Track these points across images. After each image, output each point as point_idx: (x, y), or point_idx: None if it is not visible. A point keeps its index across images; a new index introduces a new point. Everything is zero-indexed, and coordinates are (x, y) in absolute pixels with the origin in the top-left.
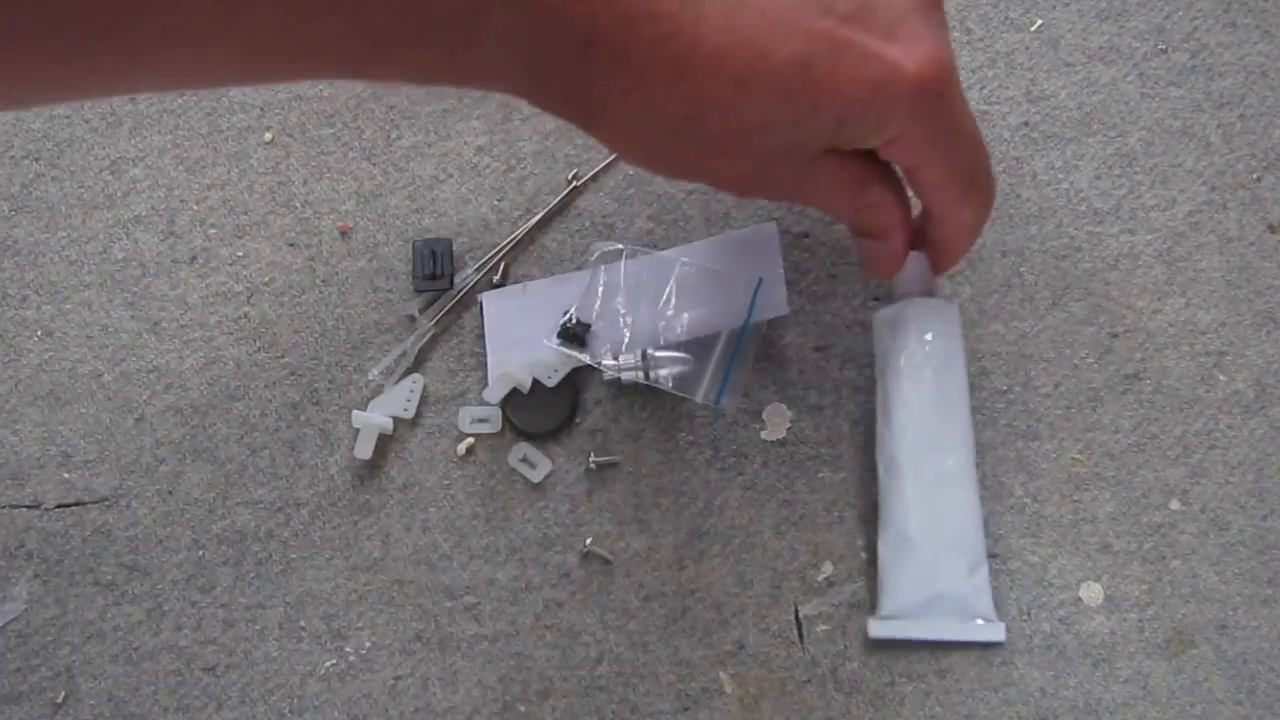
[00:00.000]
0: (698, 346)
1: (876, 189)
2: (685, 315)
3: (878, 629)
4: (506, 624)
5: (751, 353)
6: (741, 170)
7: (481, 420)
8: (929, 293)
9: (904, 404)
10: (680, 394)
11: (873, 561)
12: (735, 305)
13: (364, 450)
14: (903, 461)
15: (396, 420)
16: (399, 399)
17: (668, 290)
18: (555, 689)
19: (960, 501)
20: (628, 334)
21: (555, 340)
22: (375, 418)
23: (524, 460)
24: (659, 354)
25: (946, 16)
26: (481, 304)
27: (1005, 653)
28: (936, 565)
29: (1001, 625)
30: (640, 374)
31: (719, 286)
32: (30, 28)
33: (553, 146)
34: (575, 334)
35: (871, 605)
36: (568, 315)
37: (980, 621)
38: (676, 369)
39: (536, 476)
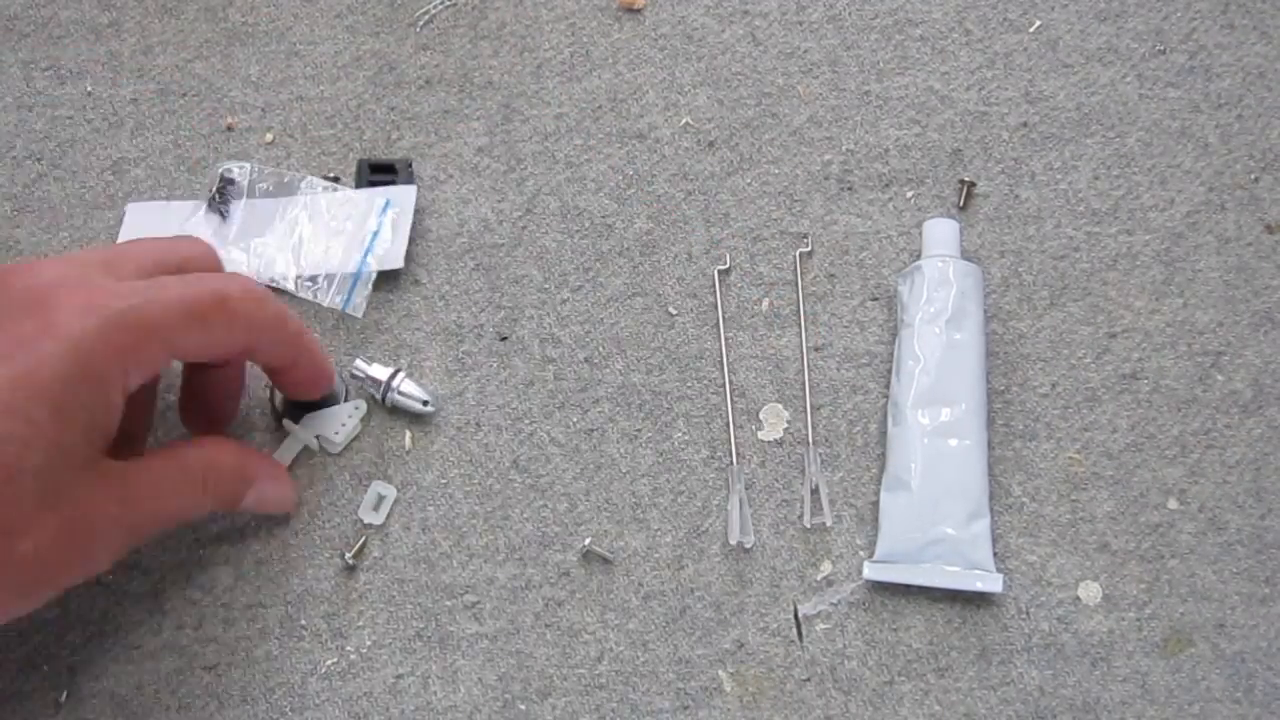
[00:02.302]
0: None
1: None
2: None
3: (873, 571)
4: (506, 622)
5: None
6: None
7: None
8: None
9: (913, 355)
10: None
11: (872, 559)
12: (361, 234)
13: (283, 456)
14: (907, 410)
15: (396, 421)
16: (335, 420)
17: (290, 218)
18: (555, 687)
19: (962, 451)
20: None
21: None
22: (300, 433)
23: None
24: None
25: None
26: (124, 212)
27: (1004, 652)
28: (934, 510)
29: (999, 576)
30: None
31: (347, 211)
32: None
33: (552, 147)
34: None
35: (869, 603)
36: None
37: (978, 572)
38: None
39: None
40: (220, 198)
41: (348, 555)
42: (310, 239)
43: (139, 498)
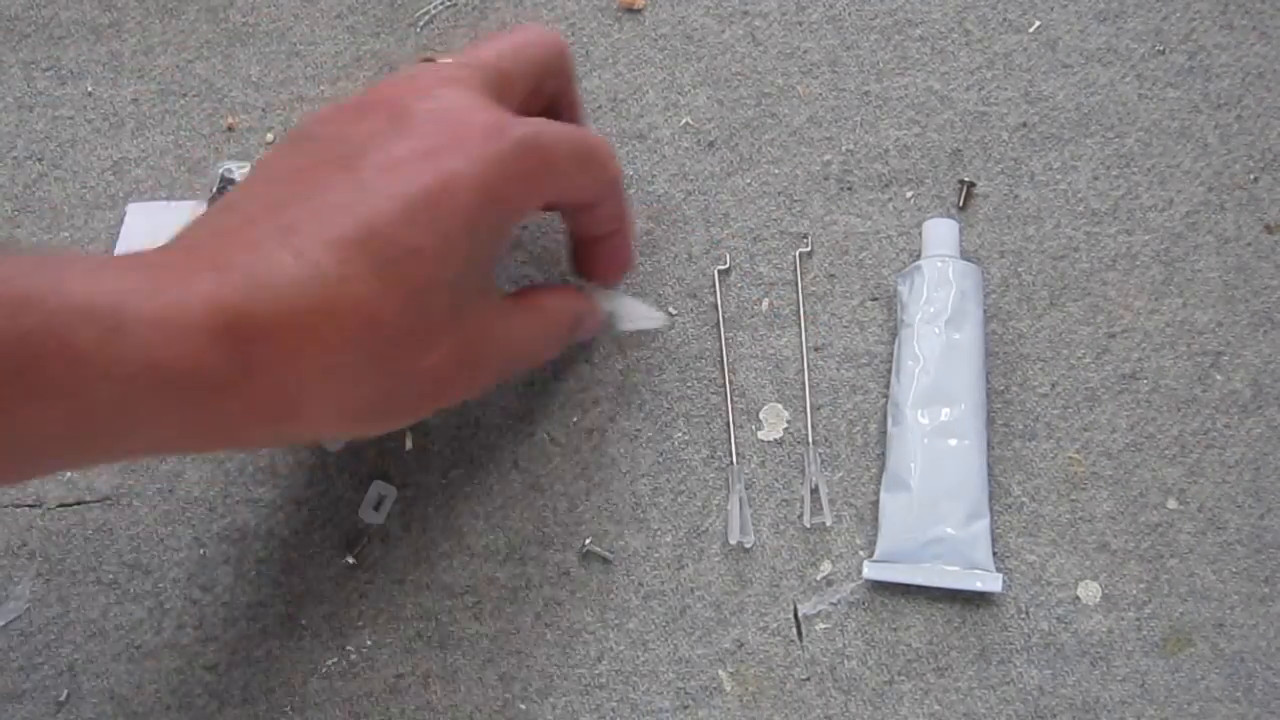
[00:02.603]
0: None
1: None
2: None
3: (872, 571)
4: (506, 622)
5: None
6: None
7: None
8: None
9: (913, 355)
10: None
11: (871, 558)
12: None
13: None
14: (907, 410)
15: None
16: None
17: None
18: (555, 687)
19: (962, 451)
20: None
21: None
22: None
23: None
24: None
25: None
26: (125, 212)
27: (1003, 651)
28: (933, 510)
29: (999, 576)
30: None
31: None
32: None
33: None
34: None
35: (869, 603)
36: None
37: (978, 572)
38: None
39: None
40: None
41: (349, 556)
42: None
43: (514, 328)
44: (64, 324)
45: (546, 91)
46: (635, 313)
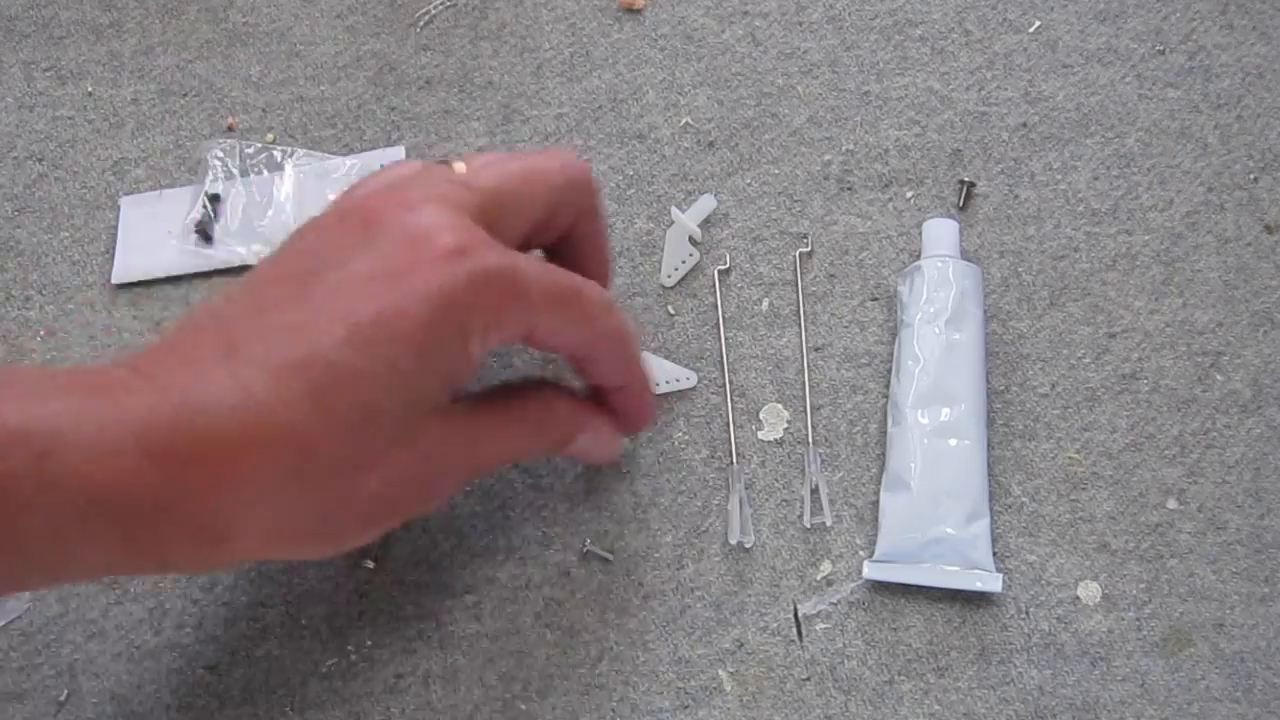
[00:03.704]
0: None
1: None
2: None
3: (872, 571)
4: (506, 622)
5: None
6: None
7: None
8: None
9: (913, 355)
10: None
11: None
12: None
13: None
14: (907, 410)
15: None
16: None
17: (284, 193)
18: (555, 687)
19: (962, 451)
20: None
21: (192, 240)
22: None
23: None
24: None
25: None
26: (120, 207)
27: (1003, 651)
28: (933, 510)
29: (999, 576)
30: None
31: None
32: None
33: (552, 147)
34: (204, 232)
35: (869, 603)
36: (201, 212)
37: (978, 572)
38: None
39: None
40: (205, 220)
41: (368, 560)
42: (310, 213)
43: (480, 440)
44: None
45: (560, 225)
46: (666, 372)
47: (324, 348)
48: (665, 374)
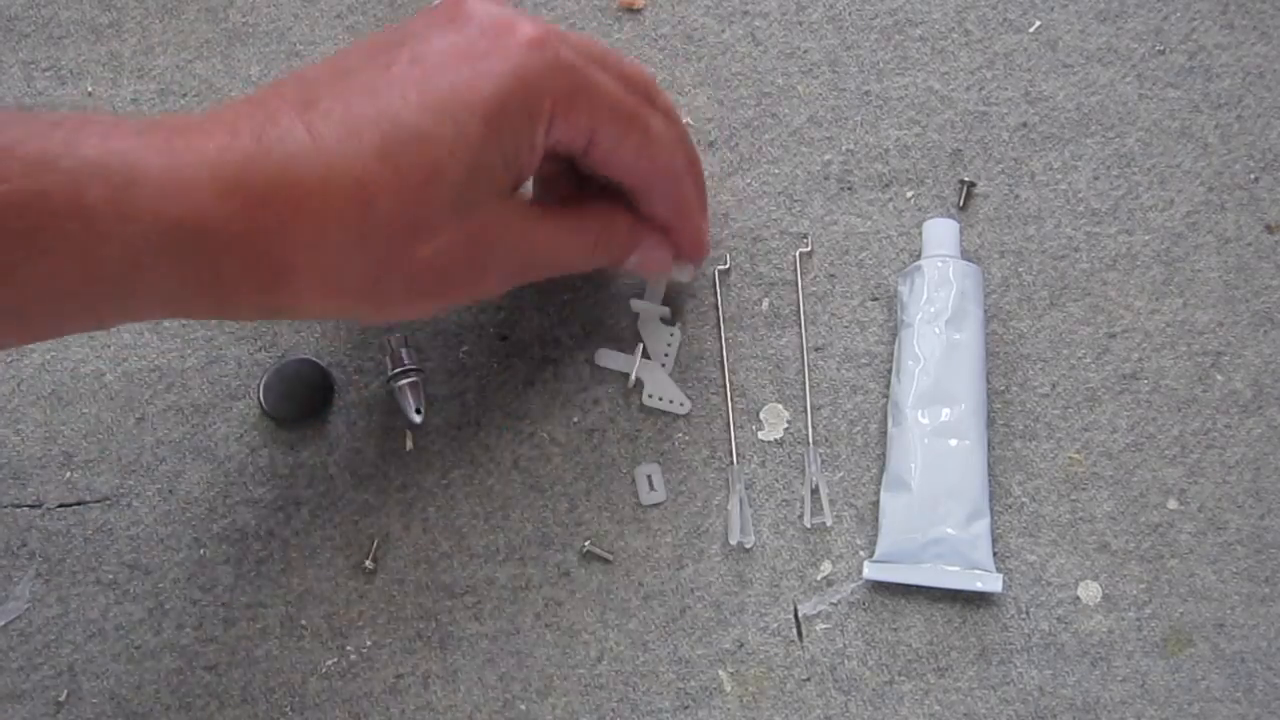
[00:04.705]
0: None
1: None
2: None
3: (873, 571)
4: (506, 623)
5: None
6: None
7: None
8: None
9: (913, 355)
10: None
11: (871, 558)
12: None
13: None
14: (907, 410)
15: (397, 421)
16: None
17: None
18: (555, 687)
19: (962, 452)
20: None
21: None
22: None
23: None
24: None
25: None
26: None
27: (1003, 651)
28: (934, 510)
29: (999, 576)
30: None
31: None
32: None
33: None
34: None
35: (869, 603)
36: None
37: (978, 572)
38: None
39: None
40: None
41: (366, 561)
42: None
43: (538, 238)
44: (77, 182)
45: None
46: (664, 390)
47: (396, 108)
48: (662, 391)
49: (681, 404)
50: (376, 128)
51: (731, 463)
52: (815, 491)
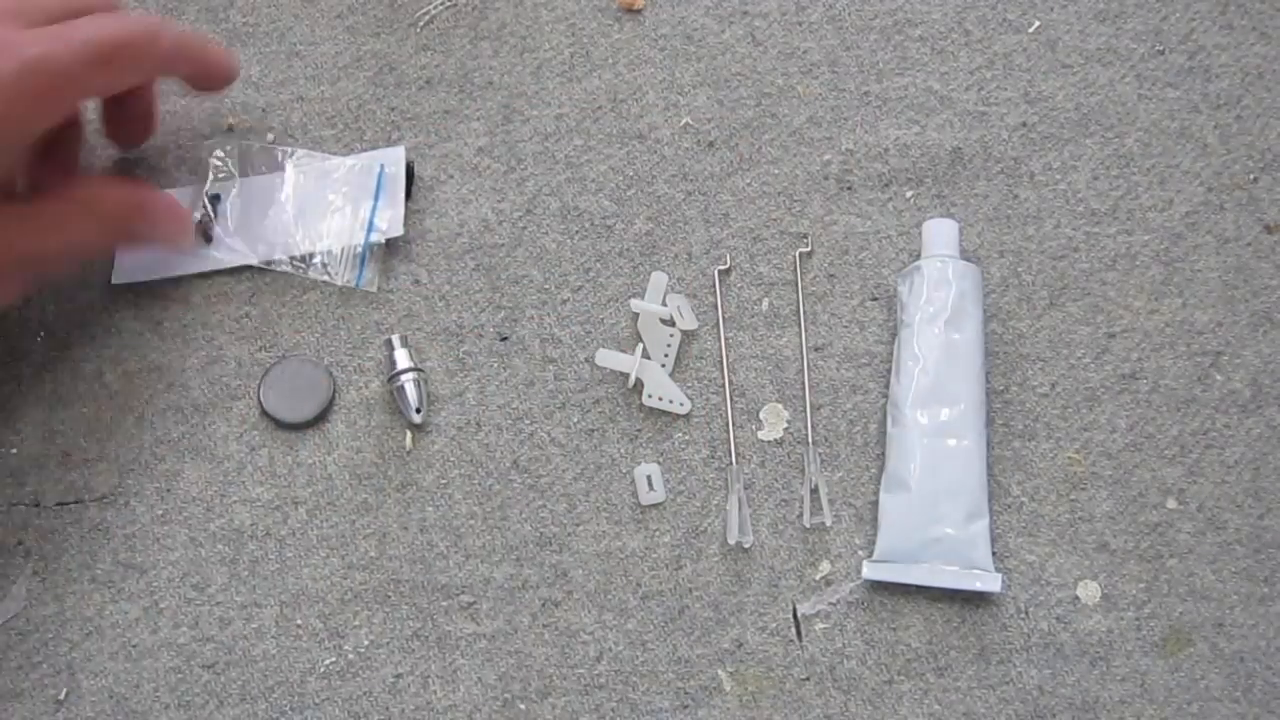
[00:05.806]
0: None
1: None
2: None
3: (872, 571)
4: (504, 623)
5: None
6: None
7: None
8: None
9: (913, 355)
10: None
11: (870, 558)
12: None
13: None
14: (907, 410)
15: (397, 421)
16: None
17: (284, 193)
18: (555, 687)
19: (961, 451)
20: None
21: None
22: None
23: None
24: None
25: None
26: None
27: (1003, 651)
28: (933, 510)
29: (998, 576)
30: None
31: (340, 180)
32: None
33: (552, 147)
34: (204, 232)
35: (868, 603)
36: (201, 212)
37: (977, 571)
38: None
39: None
40: (205, 220)
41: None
42: (310, 213)
43: (32, 232)
44: None
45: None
46: (664, 390)
47: None
48: (662, 391)
49: (681, 404)
50: None
51: (731, 462)
52: (814, 491)
